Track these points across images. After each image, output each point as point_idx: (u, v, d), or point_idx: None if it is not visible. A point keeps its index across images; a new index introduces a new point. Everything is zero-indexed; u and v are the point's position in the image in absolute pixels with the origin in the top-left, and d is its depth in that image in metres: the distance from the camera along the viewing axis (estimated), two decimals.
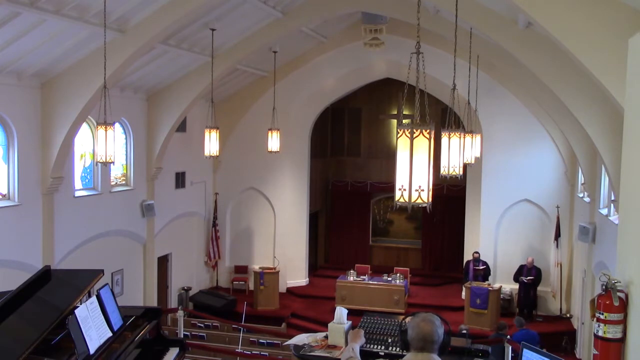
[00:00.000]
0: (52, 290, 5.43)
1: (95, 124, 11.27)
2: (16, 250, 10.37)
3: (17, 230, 10.47)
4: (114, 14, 9.53)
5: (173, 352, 6.20)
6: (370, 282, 15.76)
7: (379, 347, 8.55)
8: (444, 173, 8.28)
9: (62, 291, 5.48)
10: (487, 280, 15.08)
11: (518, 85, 14.16)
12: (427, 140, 4.11)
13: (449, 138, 8.21)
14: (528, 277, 14.87)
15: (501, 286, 15.18)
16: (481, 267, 15.17)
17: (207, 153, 12.19)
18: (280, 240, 17.64)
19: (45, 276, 5.53)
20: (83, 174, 12.60)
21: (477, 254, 15.32)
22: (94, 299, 5.25)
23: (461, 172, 8.42)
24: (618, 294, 5.15)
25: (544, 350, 5.48)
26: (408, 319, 3.73)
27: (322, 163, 19.93)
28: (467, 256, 16.11)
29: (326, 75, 16.85)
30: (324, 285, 17.53)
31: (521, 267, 15.16)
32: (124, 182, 13.96)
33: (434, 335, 3.48)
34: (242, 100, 17.28)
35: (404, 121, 4.64)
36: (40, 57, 9.92)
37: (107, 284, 5.77)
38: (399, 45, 14.49)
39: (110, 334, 5.21)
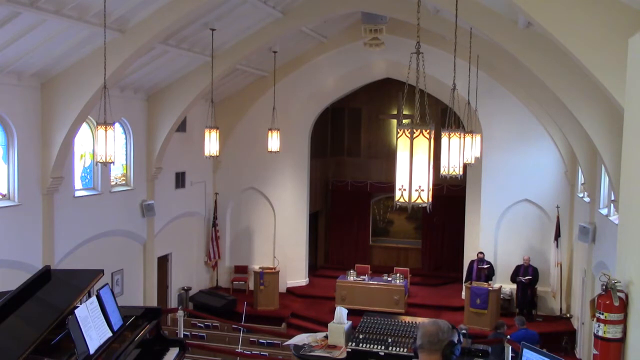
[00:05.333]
0: (52, 291, 5.43)
1: (95, 124, 11.28)
2: (16, 250, 10.37)
3: (17, 230, 10.47)
4: (114, 14, 9.53)
5: (173, 352, 6.21)
6: (370, 282, 15.75)
7: (379, 347, 8.56)
8: (444, 173, 8.28)
9: (62, 291, 5.48)
10: (491, 280, 15.06)
11: (518, 85, 14.15)
12: (427, 140, 4.11)
13: (449, 138, 8.21)
14: (526, 277, 14.88)
15: (501, 286, 15.18)
16: (485, 267, 15.16)
17: (207, 153, 12.19)
18: (280, 240, 17.64)
19: (45, 276, 5.53)
20: (83, 174, 12.60)
21: (482, 254, 15.30)
22: (94, 299, 5.25)
23: (461, 172, 8.41)
24: (618, 294, 5.15)
25: (544, 350, 5.49)
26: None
27: (322, 163, 19.93)
28: (468, 256, 16.11)
29: (326, 75, 16.85)
30: (324, 285, 17.53)
31: (518, 267, 15.17)
32: (124, 182, 13.96)
33: (434, 336, 3.44)
34: (242, 100, 17.27)
35: (404, 121, 4.64)
36: (40, 57, 9.92)
37: (107, 284, 5.78)
38: (399, 45, 14.49)
39: (110, 334, 5.22)
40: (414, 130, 4.09)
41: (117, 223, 13.36)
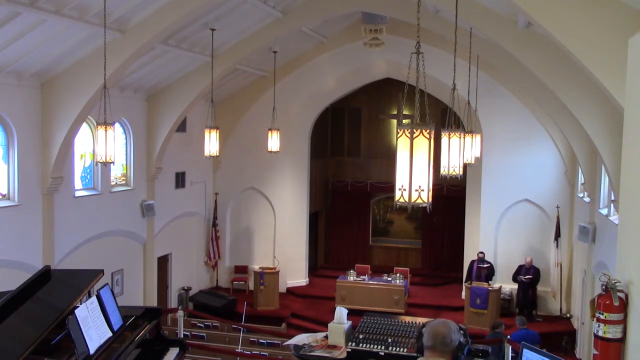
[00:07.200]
0: (52, 291, 5.43)
1: (95, 124, 11.28)
2: (16, 250, 10.37)
3: (17, 230, 10.46)
4: (114, 14, 9.54)
5: (173, 352, 6.21)
6: (370, 282, 15.75)
7: (379, 347, 8.56)
8: (444, 173, 8.28)
9: (62, 291, 5.48)
10: (491, 280, 15.07)
11: (518, 85, 14.15)
12: (427, 140, 4.11)
13: (449, 138, 8.21)
14: (526, 277, 14.88)
15: (501, 286, 15.18)
16: (485, 266, 15.16)
17: (207, 153, 12.19)
18: (280, 240, 17.64)
19: (45, 276, 5.53)
20: (83, 174, 12.60)
21: (482, 254, 15.31)
22: (94, 299, 5.25)
23: (461, 172, 8.42)
24: (618, 294, 5.15)
25: (544, 350, 5.49)
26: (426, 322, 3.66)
27: (322, 163, 19.92)
28: (468, 256, 16.11)
29: (326, 75, 16.85)
30: (324, 285, 17.52)
31: (520, 267, 15.17)
32: (124, 182, 13.96)
33: (447, 337, 3.43)
34: (242, 100, 17.27)
35: (404, 121, 4.64)
36: (40, 57, 9.92)
37: (107, 284, 5.78)
38: (399, 45, 14.49)
39: (110, 334, 5.22)
40: (414, 130, 4.09)
41: (117, 223, 13.36)
